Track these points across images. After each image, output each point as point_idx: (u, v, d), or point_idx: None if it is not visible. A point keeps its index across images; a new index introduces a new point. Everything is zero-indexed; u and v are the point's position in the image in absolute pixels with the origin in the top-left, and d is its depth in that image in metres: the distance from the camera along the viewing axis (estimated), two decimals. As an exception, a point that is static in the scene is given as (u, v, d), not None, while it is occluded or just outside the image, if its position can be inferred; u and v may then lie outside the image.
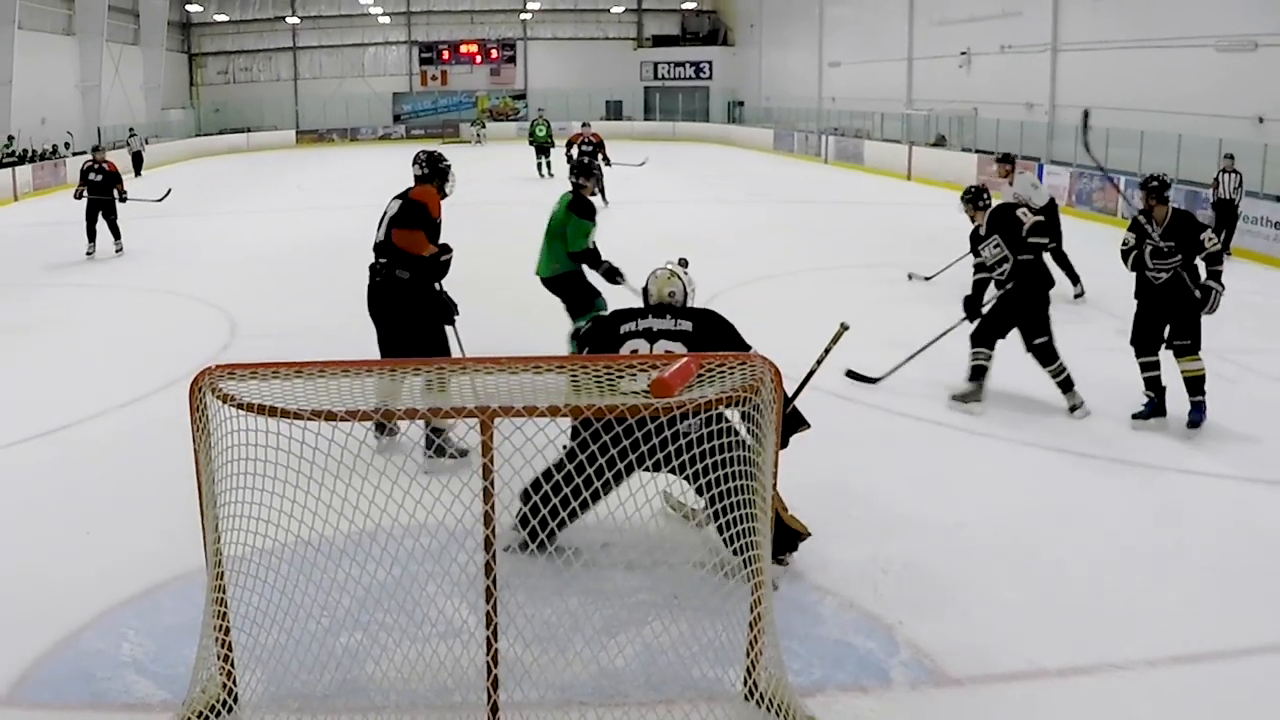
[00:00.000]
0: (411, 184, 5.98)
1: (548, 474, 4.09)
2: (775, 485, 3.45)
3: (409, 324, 5.70)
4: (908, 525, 4.89)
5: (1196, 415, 6.13)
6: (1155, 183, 6.23)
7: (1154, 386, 6.24)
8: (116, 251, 13.35)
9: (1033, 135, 20.19)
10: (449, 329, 5.86)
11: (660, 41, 42.95)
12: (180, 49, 40.61)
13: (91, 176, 13.02)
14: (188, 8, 39.51)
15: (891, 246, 13.69)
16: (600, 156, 17.71)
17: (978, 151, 21.66)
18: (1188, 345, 6.08)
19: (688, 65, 42.27)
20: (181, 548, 4.24)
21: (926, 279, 10.82)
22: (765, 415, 3.24)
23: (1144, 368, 6.23)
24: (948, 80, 25.25)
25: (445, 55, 42.28)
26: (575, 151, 18.05)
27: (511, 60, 42.69)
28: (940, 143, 24.13)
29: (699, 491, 4.06)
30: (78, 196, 13.10)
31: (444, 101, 42.18)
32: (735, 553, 3.40)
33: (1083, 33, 20.23)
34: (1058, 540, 4.79)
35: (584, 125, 19.96)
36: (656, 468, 3.84)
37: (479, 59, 42.40)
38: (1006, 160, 11.19)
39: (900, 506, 5.11)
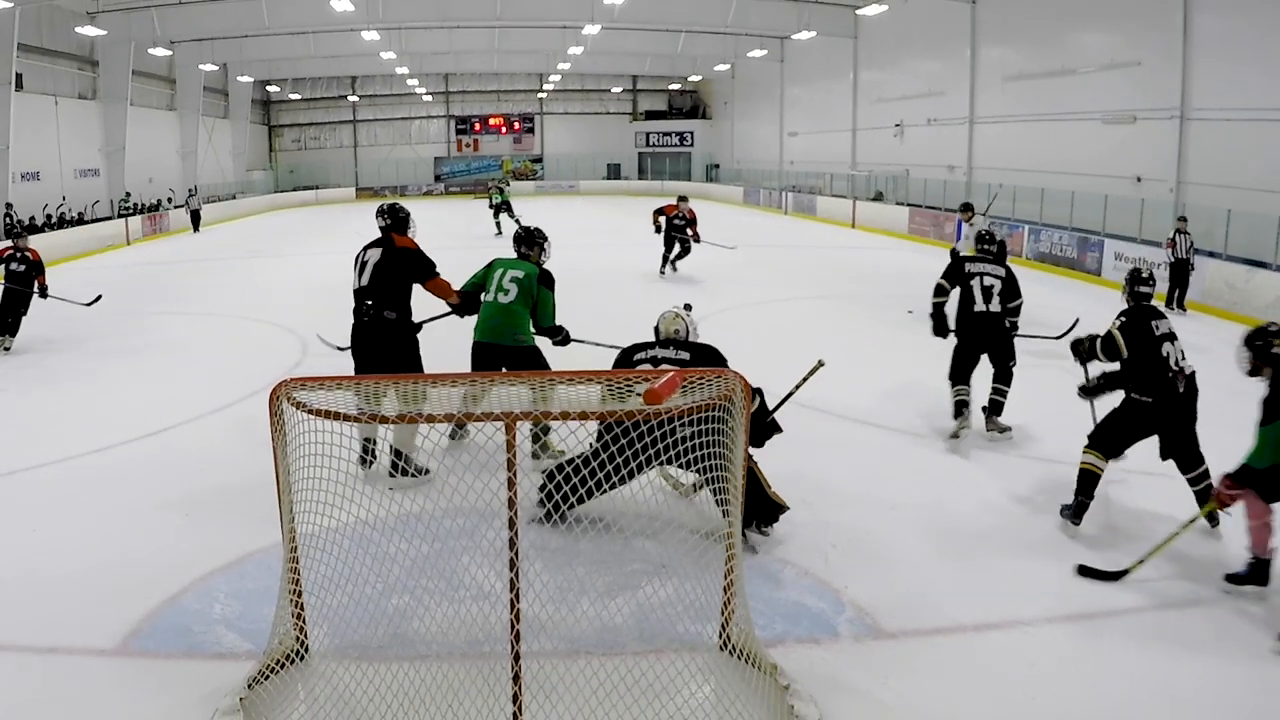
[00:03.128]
0: (378, 234, 5.32)
1: (560, 466, 4.11)
2: (758, 468, 3.46)
3: (390, 361, 5.01)
4: (852, 509, 4.90)
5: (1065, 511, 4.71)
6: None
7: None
8: (4, 349, 9.02)
9: (954, 192, 20.25)
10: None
11: (651, 115, 43.02)
12: (262, 121, 40.58)
13: (13, 266, 9.19)
14: (268, 88, 39.51)
15: (838, 280, 13.76)
16: (691, 233, 13.75)
17: (909, 205, 21.73)
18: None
19: (674, 135, 42.31)
20: (262, 526, 4.25)
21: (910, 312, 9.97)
22: (736, 416, 3.27)
23: None
24: (885, 147, 25.31)
25: (477, 126, 42.35)
26: (663, 221, 13.99)
27: (530, 130, 42.74)
28: (879, 198, 24.15)
29: (697, 475, 4.08)
30: None
31: (475, 164, 42.16)
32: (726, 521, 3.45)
33: (994, 109, 20.34)
34: (975, 520, 4.80)
35: (681, 199, 14.24)
36: (654, 460, 3.85)
37: (504, 129, 42.44)
38: (967, 208, 11.10)
39: (846, 494, 5.12)
